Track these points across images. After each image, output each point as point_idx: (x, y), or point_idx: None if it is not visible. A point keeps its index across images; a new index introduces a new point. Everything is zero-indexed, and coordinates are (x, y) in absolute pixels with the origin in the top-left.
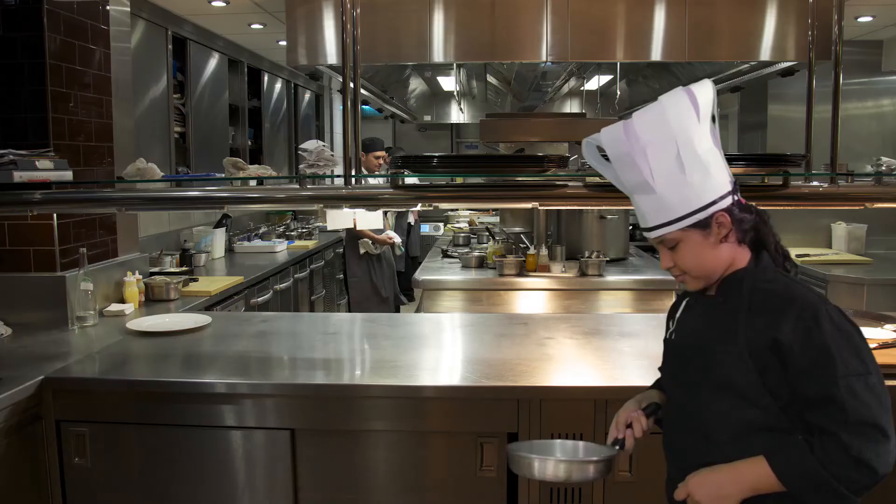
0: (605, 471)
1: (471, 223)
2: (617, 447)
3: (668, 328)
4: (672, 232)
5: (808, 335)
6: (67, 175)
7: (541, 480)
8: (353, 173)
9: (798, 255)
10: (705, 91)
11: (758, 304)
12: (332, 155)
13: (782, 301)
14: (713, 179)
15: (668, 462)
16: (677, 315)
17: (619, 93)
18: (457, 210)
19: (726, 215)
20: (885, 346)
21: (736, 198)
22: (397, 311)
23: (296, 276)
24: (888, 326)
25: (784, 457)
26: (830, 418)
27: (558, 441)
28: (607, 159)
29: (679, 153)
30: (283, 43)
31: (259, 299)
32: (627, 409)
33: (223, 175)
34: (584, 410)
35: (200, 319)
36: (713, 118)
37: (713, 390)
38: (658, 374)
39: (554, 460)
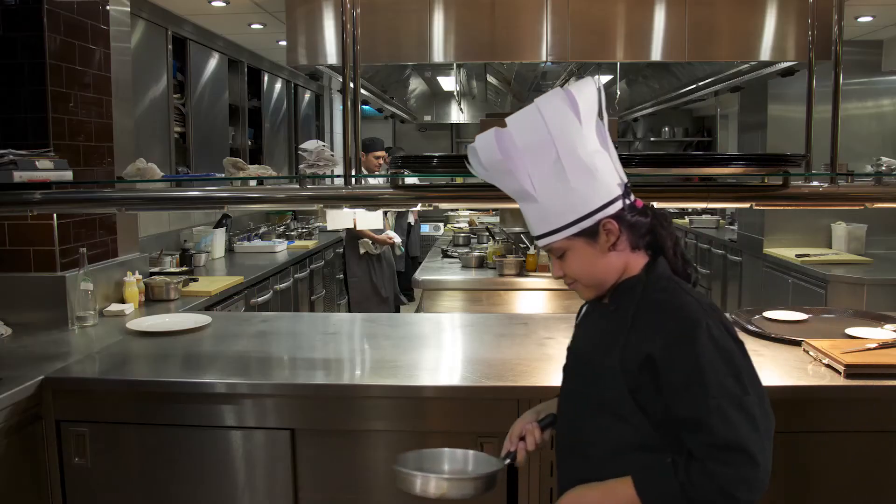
0: (485, 487)
1: (471, 223)
2: (507, 460)
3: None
4: (558, 241)
5: (681, 352)
6: (67, 175)
7: (422, 496)
8: (353, 173)
9: (798, 255)
10: (586, 90)
11: (641, 315)
12: (332, 155)
13: (662, 313)
14: (599, 184)
15: (558, 475)
16: (576, 322)
17: (619, 93)
18: (457, 210)
19: (614, 222)
20: (885, 346)
21: (628, 201)
22: (397, 311)
23: (296, 276)
24: (888, 326)
25: (649, 479)
26: (698, 442)
27: (448, 450)
28: None
29: (559, 158)
30: (283, 43)
31: (259, 299)
32: (523, 420)
33: (223, 175)
34: None
35: (200, 319)
36: (601, 116)
37: (591, 405)
38: None
39: (436, 478)
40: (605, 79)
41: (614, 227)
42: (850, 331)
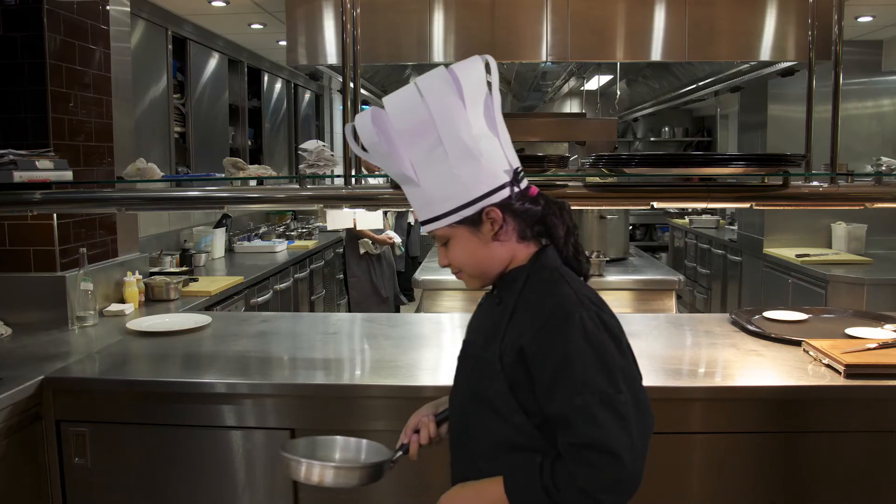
0: (370, 477)
1: None
2: (400, 452)
3: None
4: (440, 228)
5: (550, 345)
6: (67, 175)
7: (307, 483)
8: (353, 173)
9: (798, 255)
10: (471, 70)
11: (520, 307)
12: (332, 155)
13: (537, 306)
14: (484, 170)
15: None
16: (473, 313)
17: (619, 93)
18: None
19: (497, 210)
20: (885, 346)
21: (517, 188)
22: (397, 311)
23: (296, 276)
24: (888, 326)
25: (517, 480)
26: (563, 441)
27: (342, 438)
28: None
29: (441, 142)
30: (283, 43)
31: (259, 299)
32: (419, 413)
33: (223, 175)
34: None
35: (200, 319)
36: (490, 98)
37: (475, 399)
38: None
39: (320, 465)
40: (605, 79)
41: (498, 215)
42: (850, 331)
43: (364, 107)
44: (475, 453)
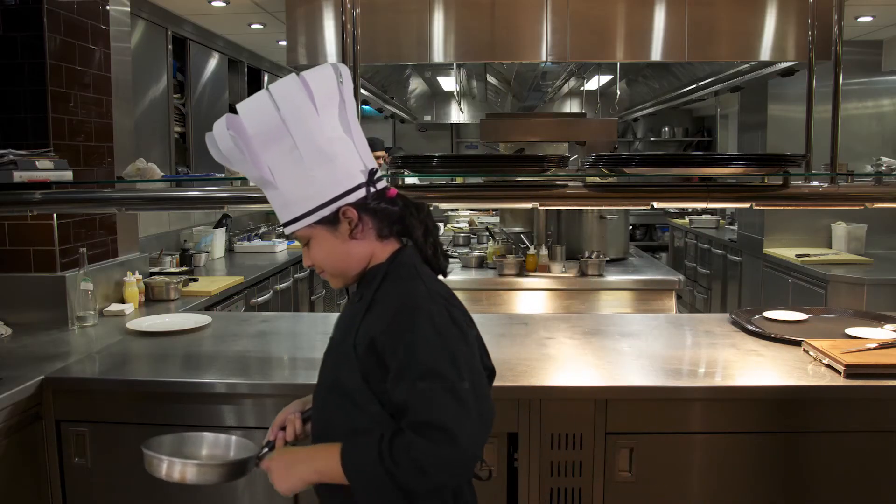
0: (232, 474)
1: (471, 223)
2: (266, 449)
3: None
4: (300, 229)
5: (400, 335)
6: (67, 175)
7: (168, 481)
8: None
9: (798, 255)
10: (320, 76)
11: (377, 301)
12: None
13: (391, 299)
14: (340, 171)
15: None
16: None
17: (619, 93)
18: (457, 210)
19: (353, 209)
20: (885, 346)
21: (374, 188)
22: None
23: (296, 276)
24: (888, 326)
25: (355, 449)
26: (405, 420)
27: (211, 435)
28: None
29: (296, 146)
30: (283, 43)
31: (259, 299)
32: (287, 409)
33: (223, 175)
34: (584, 410)
35: (200, 319)
36: (344, 102)
37: (334, 392)
38: None
39: (181, 463)
40: (605, 79)
41: (354, 214)
42: (850, 331)
43: (364, 107)
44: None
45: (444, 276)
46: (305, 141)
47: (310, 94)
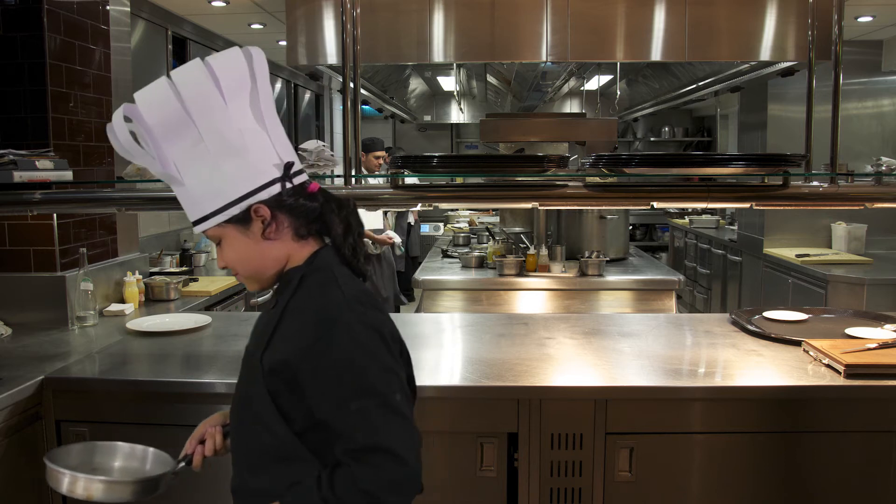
0: (145, 491)
1: (471, 223)
2: (182, 464)
3: None
4: (210, 228)
5: (319, 356)
6: (67, 175)
7: (72, 496)
8: (353, 173)
9: (798, 255)
10: (230, 63)
11: (289, 312)
12: (332, 155)
13: (305, 312)
14: (251, 166)
15: None
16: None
17: (619, 93)
18: (457, 210)
19: (265, 207)
20: (885, 346)
21: (290, 184)
22: (397, 311)
23: None
24: (888, 326)
25: (294, 498)
26: (341, 448)
27: (127, 445)
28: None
29: (202, 139)
30: (283, 43)
31: (259, 299)
32: (207, 422)
33: None
34: (584, 410)
35: (200, 319)
36: (257, 91)
37: (243, 408)
38: None
39: (85, 478)
40: (605, 79)
41: (266, 212)
42: (850, 331)
43: (364, 107)
44: (244, 461)
45: (364, 279)
46: (212, 133)
47: (216, 81)
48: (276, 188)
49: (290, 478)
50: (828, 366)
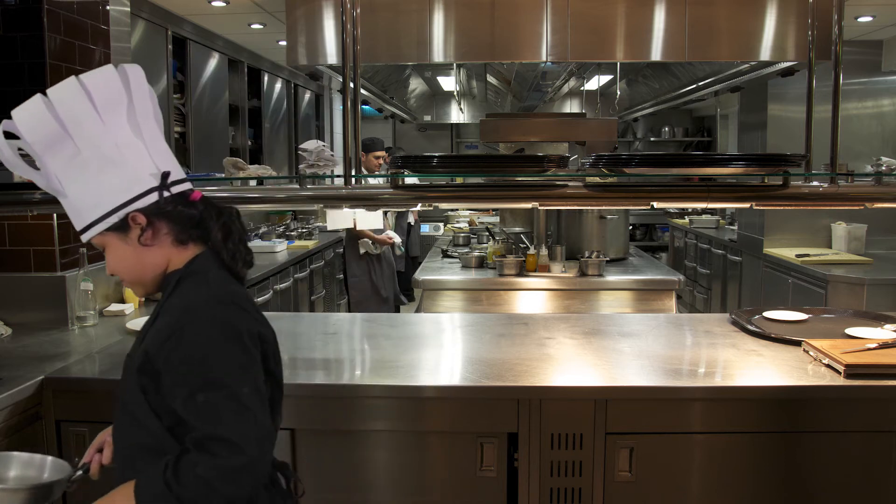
0: (40, 498)
1: (471, 223)
2: (80, 471)
3: None
4: (93, 236)
5: (174, 348)
6: None
7: None
8: (353, 173)
9: (798, 255)
10: (102, 79)
11: (163, 312)
12: (332, 155)
13: (173, 309)
14: (129, 177)
15: None
16: None
17: (619, 93)
18: (457, 210)
19: (141, 215)
20: (885, 346)
21: (167, 193)
22: (397, 311)
23: (296, 276)
24: (888, 326)
25: (145, 480)
26: (189, 437)
27: (26, 455)
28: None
29: (80, 152)
30: (283, 43)
31: (259, 299)
32: (106, 431)
33: (223, 175)
34: (584, 410)
35: None
36: (133, 105)
37: (123, 409)
38: None
39: None
40: (605, 79)
41: (142, 219)
42: (850, 331)
43: (364, 107)
44: (123, 460)
45: (243, 282)
46: (89, 147)
47: (90, 98)
48: (154, 196)
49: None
50: (828, 366)
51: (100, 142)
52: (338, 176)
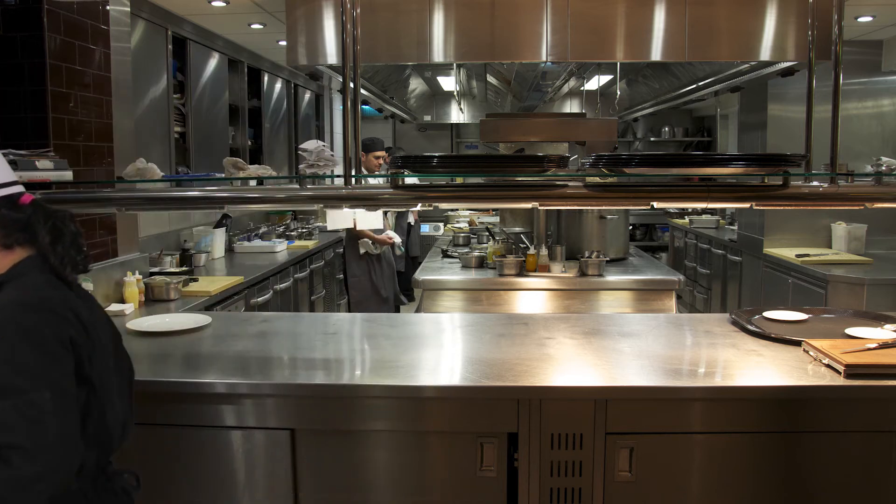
0: None
1: (471, 223)
2: None
3: None
4: None
5: None
6: (67, 175)
7: None
8: (353, 173)
9: (798, 255)
10: None
11: None
12: (332, 155)
13: None
14: None
15: None
16: None
17: (619, 93)
18: (457, 210)
19: None
20: (885, 346)
21: None
22: (397, 311)
23: (296, 276)
24: (888, 326)
25: None
26: None
27: None
28: None
29: None
30: (283, 43)
31: (259, 299)
32: None
33: (223, 175)
34: (584, 410)
35: (200, 319)
36: None
37: None
38: None
39: None
40: (605, 79)
41: None
42: (850, 331)
43: (364, 107)
44: None
45: (71, 286)
46: None
47: None
48: None
49: None
50: (828, 366)
51: None
52: (338, 176)
